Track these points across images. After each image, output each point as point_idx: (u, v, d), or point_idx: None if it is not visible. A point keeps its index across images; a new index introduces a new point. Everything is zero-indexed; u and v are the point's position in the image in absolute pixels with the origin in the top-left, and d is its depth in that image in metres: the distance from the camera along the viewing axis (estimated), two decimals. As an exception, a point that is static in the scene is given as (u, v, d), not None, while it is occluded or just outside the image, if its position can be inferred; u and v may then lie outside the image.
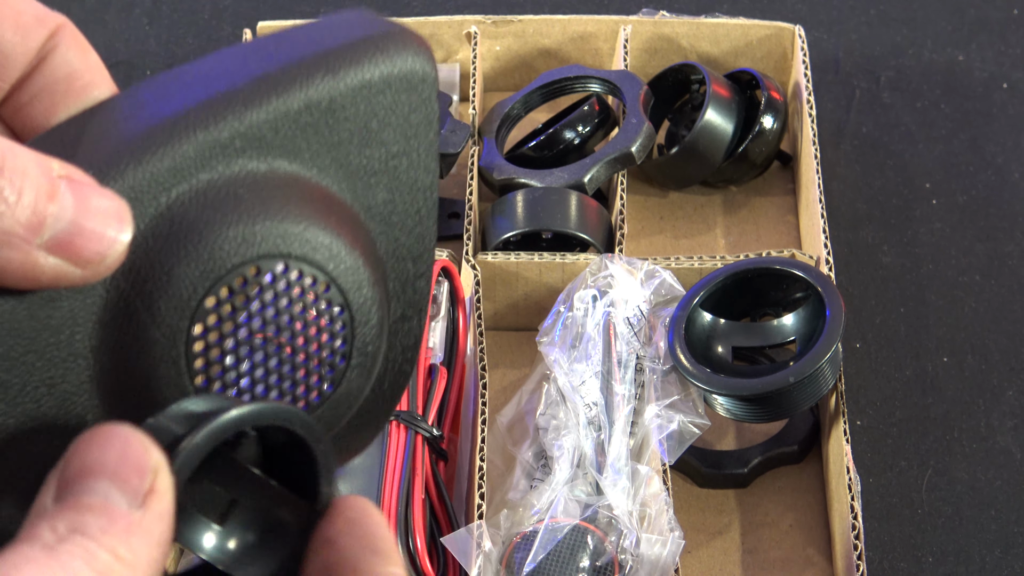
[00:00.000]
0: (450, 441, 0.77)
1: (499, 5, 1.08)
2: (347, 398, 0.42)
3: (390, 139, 0.42)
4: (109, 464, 0.34)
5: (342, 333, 0.41)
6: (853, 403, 0.85)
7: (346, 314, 0.41)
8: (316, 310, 0.40)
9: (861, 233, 0.93)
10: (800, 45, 0.95)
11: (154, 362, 0.38)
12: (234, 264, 0.38)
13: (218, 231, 0.38)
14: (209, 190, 0.39)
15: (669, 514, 0.73)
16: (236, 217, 0.39)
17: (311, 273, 0.40)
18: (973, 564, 0.79)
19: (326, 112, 0.40)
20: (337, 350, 0.41)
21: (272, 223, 0.39)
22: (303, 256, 0.39)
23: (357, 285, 0.41)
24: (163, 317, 0.38)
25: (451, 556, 0.71)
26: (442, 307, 0.79)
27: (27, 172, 0.35)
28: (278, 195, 0.40)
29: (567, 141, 0.93)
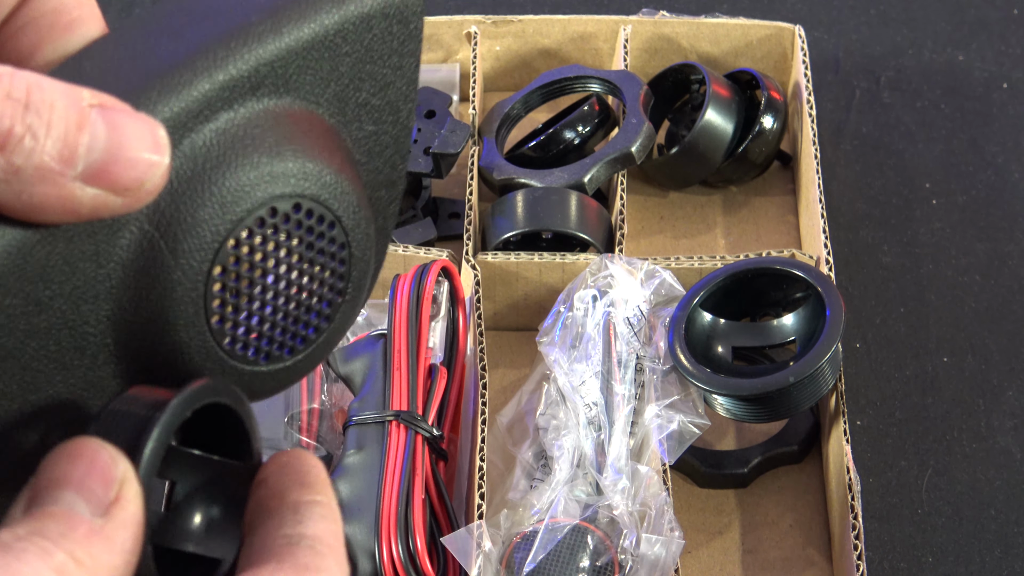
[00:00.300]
0: (450, 441, 0.77)
1: (499, 5, 1.08)
2: (339, 330, 0.43)
3: (382, 71, 0.42)
4: (76, 475, 0.35)
5: (342, 269, 0.42)
6: (853, 403, 0.85)
7: (347, 251, 0.41)
8: (323, 248, 0.41)
9: (861, 233, 0.93)
10: (800, 45, 0.95)
11: (174, 303, 0.38)
12: (254, 205, 0.39)
13: (239, 172, 0.39)
14: (229, 129, 0.39)
15: (669, 514, 0.73)
16: (256, 158, 0.39)
17: (319, 212, 0.40)
18: (973, 564, 0.79)
19: (331, 46, 0.41)
20: (336, 286, 0.42)
21: (288, 163, 0.39)
22: (314, 196, 0.40)
23: (357, 222, 0.41)
24: (186, 259, 0.38)
25: (451, 556, 0.71)
26: (442, 307, 0.79)
27: (54, 104, 0.34)
28: (290, 133, 0.40)
29: (567, 141, 0.93)
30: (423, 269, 0.77)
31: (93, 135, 0.35)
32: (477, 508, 0.73)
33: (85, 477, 0.35)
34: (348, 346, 0.78)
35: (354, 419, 0.74)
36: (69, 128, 0.34)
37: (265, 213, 0.39)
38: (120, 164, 0.35)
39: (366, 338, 0.78)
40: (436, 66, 0.99)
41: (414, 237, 0.87)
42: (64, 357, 0.38)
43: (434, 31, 0.99)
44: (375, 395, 0.75)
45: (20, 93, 0.34)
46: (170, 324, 0.39)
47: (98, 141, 0.35)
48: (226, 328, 0.40)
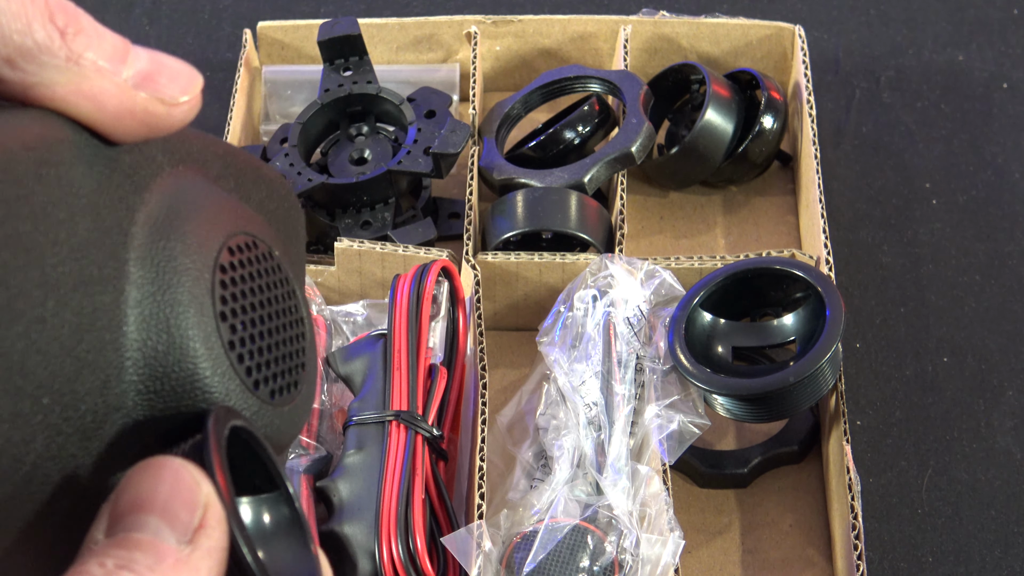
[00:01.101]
0: (450, 441, 0.77)
1: (499, 5, 1.08)
2: (311, 383, 0.43)
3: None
4: (159, 499, 0.35)
5: (298, 313, 0.43)
6: (853, 403, 0.85)
7: (291, 287, 0.43)
8: (278, 281, 0.42)
9: (861, 233, 0.93)
10: (800, 45, 0.95)
11: (184, 291, 0.39)
12: (238, 229, 0.41)
13: (222, 201, 0.41)
14: (207, 172, 0.42)
15: (669, 514, 0.73)
16: (225, 199, 0.42)
17: (283, 274, 0.42)
18: (973, 564, 0.79)
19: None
20: (298, 326, 0.43)
21: (252, 215, 0.43)
22: (275, 255, 0.42)
23: (288, 263, 0.44)
24: (194, 247, 0.39)
25: (451, 556, 0.71)
26: (442, 307, 0.79)
27: (103, 32, 0.38)
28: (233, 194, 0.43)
29: (567, 141, 0.93)
30: (423, 269, 0.77)
31: (136, 54, 0.39)
32: (477, 508, 0.73)
33: (169, 501, 0.35)
34: (348, 346, 0.78)
35: (354, 419, 0.75)
36: (116, 44, 0.38)
37: (249, 241, 0.41)
38: (164, 74, 0.39)
39: (366, 338, 0.78)
40: (436, 66, 0.99)
41: (414, 237, 0.87)
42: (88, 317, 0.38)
43: (434, 31, 0.99)
44: (375, 395, 0.75)
45: (72, 10, 0.38)
46: (188, 351, 0.39)
47: (141, 58, 0.39)
48: (237, 343, 0.40)
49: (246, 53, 0.96)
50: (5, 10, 0.36)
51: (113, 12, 1.08)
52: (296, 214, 0.47)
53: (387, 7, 1.09)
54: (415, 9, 1.09)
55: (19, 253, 0.35)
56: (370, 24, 0.98)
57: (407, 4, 1.09)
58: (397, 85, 0.93)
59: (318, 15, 1.08)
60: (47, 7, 0.37)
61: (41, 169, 0.36)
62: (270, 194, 0.46)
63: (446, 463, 0.76)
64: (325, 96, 0.91)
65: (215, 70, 1.04)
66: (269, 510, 0.39)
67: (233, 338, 0.39)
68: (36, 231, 0.35)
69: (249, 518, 0.39)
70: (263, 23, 0.99)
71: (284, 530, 0.39)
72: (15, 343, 0.34)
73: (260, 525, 0.39)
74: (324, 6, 1.09)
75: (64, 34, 0.37)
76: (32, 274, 0.35)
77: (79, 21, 0.37)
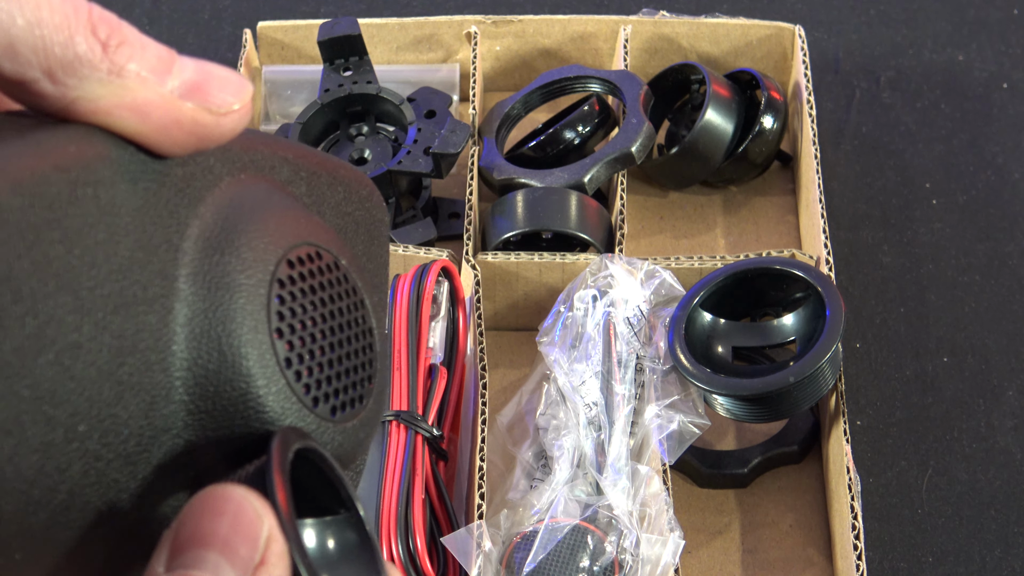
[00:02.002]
0: (450, 441, 0.77)
1: (499, 5, 1.08)
2: (382, 395, 0.43)
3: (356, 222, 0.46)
4: (220, 533, 0.34)
5: (365, 324, 0.42)
6: (853, 403, 0.85)
7: (359, 298, 0.42)
8: (343, 292, 0.42)
9: (861, 233, 0.93)
10: (800, 45, 0.95)
11: (238, 308, 0.38)
12: (301, 241, 0.40)
13: (285, 213, 0.41)
14: (260, 186, 0.41)
15: (669, 514, 0.73)
16: (292, 210, 0.41)
17: (351, 284, 0.42)
18: (973, 564, 0.79)
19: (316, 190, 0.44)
20: (366, 337, 0.42)
21: (321, 226, 0.42)
22: (343, 265, 0.42)
23: (375, 315, 0.43)
24: (250, 262, 0.39)
25: (451, 556, 0.71)
26: (442, 307, 0.79)
27: (147, 42, 0.38)
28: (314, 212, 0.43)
29: (567, 141, 0.93)
30: (423, 269, 0.77)
31: (182, 64, 0.38)
32: (477, 508, 0.73)
33: (231, 536, 0.34)
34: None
35: (354, 419, 0.74)
36: (161, 53, 0.38)
37: (313, 252, 0.40)
38: (211, 83, 0.38)
39: (366, 338, 0.78)
40: (436, 66, 0.99)
41: (414, 237, 0.87)
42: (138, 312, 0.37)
43: (434, 31, 0.99)
44: (375, 395, 0.75)
45: (115, 22, 0.37)
46: (235, 329, 0.38)
47: (187, 68, 0.38)
48: (296, 366, 0.39)
49: (246, 53, 0.96)
50: (47, 22, 0.36)
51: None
52: (378, 214, 0.46)
53: (387, 7, 1.09)
54: (415, 9, 1.09)
55: (48, 279, 0.34)
56: (370, 24, 0.98)
57: (407, 4, 1.09)
58: (397, 85, 0.93)
59: (318, 15, 1.08)
60: (90, 19, 0.36)
61: (77, 190, 0.35)
62: (348, 196, 0.45)
63: (446, 463, 0.76)
64: (325, 96, 0.91)
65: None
66: (337, 533, 0.39)
67: (290, 355, 0.39)
68: (69, 254, 0.35)
69: (314, 542, 0.38)
70: (263, 23, 0.99)
71: (353, 555, 0.39)
72: (45, 371, 0.34)
73: (326, 550, 0.39)
74: (324, 6, 1.09)
75: (107, 46, 0.36)
76: (64, 299, 0.34)
77: (122, 32, 0.37)
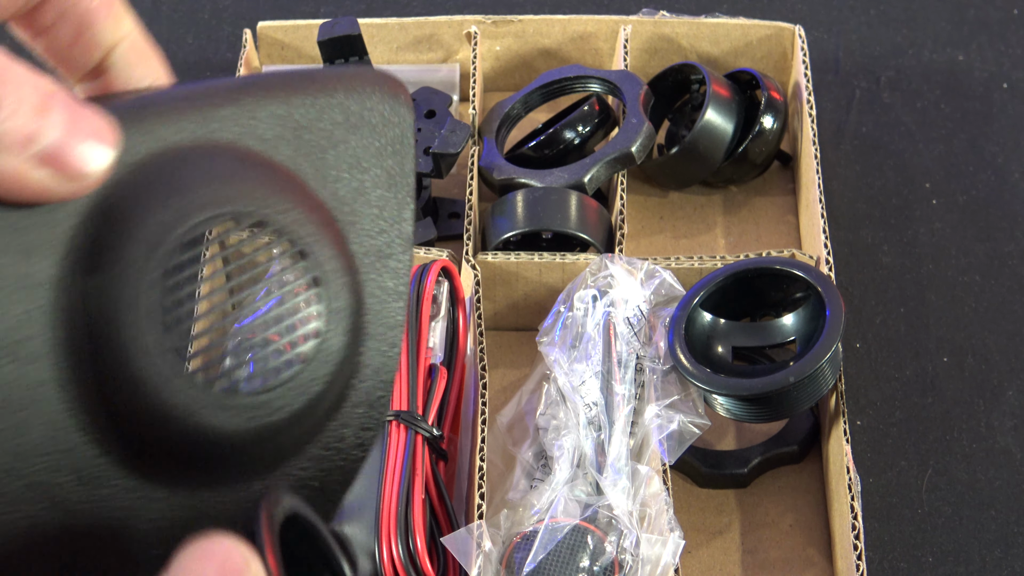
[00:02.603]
0: (450, 441, 0.77)
1: (499, 5, 1.08)
2: (323, 374, 0.42)
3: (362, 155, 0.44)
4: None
5: (314, 309, 0.41)
6: (853, 403, 0.85)
7: (320, 288, 0.41)
8: (290, 275, 0.41)
9: (861, 233, 0.93)
10: (800, 45, 0.95)
11: (120, 305, 0.38)
12: (211, 214, 0.40)
13: (197, 183, 0.40)
14: (191, 152, 0.40)
15: (669, 514, 0.73)
16: (214, 174, 0.40)
17: (286, 238, 0.41)
18: (973, 564, 0.79)
19: (301, 120, 0.43)
20: (307, 322, 0.41)
21: (249, 185, 0.41)
22: (277, 220, 0.41)
23: (330, 264, 0.42)
24: (133, 259, 0.38)
25: (451, 556, 0.71)
26: (442, 307, 0.79)
27: (22, 85, 0.36)
28: (257, 168, 0.41)
29: (567, 141, 0.93)
30: (423, 269, 0.77)
31: (52, 122, 0.36)
32: (477, 508, 0.73)
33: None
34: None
35: (354, 419, 0.74)
36: (34, 109, 0.36)
37: (221, 226, 0.40)
38: (71, 152, 0.37)
39: (366, 338, 0.78)
40: (436, 66, 0.99)
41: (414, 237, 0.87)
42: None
43: (434, 31, 0.99)
44: (375, 395, 0.75)
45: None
46: (116, 326, 0.38)
47: (55, 127, 0.36)
48: (179, 337, 0.39)
49: (246, 53, 0.96)
50: None
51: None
52: (396, 118, 0.45)
53: (387, 7, 1.09)
54: (415, 9, 1.09)
55: None
56: (370, 24, 0.98)
57: (407, 4, 1.09)
58: (397, 85, 0.93)
59: (318, 15, 1.08)
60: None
61: None
62: (348, 118, 0.44)
63: (446, 463, 0.76)
64: (325, 96, 0.91)
65: (215, 70, 1.04)
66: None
67: (179, 342, 0.39)
68: None
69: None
70: (263, 23, 0.99)
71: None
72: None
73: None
74: (324, 6, 1.09)
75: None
76: None
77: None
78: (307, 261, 0.41)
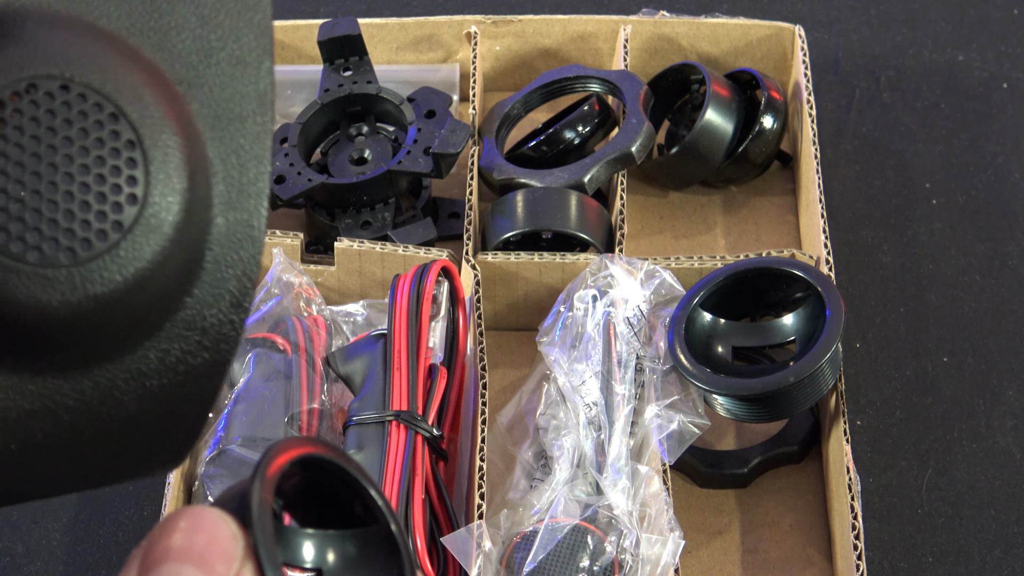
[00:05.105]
0: (450, 441, 0.77)
1: (499, 5, 1.08)
2: (145, 249, 0.39)
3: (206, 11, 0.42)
4: (196, 549, 0.34)
5: (132, 172, 0.39)
6: (853, 403, 0.85)
7: (138, 152, 0.39)
8: (100, 138, 0.39)
9: (861, 233, 0.93)
10: (800, 45, 0.95)
11: None
12: (7, 80, 0.38)
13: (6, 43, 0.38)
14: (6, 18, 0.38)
15: (669, 514, 0.73)
16: (16, 39, 0.38)
17: (95, 100, 0.39)
18: (973, 564, 0.79)
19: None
20: (124, 189, 0.39)
21: (55, 48, 0.38)
22: (90, 83, 0.38)
23: (152, 125, 0.39)
24: None
25: (451, 556, 0.71)
26: (442, 307, 0.79)
27: None
28: (70, 31, 0.39)
29: (567, 141, 0.93)
30: (423, 269, 0.77)
31: None
32: (477, 508, 0.73)
33: (206, 552, 0.34)
34: (348, 346, 0.78)
35: (354, 419, 0.75)
36: None
37: (21, 88, 0.38)
38: None
39: (366, 338, 0.78)
40: (436, 66, 0.99)
41: (414, 237, 0.87)
42: None
43: (434, 31, 0.99)
44: (375, 395, 0.75)
45: None
46: None
47: None
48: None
49: (246, 53, 0.96)
50: None
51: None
52: None
53: (387, 7, 1.09)
54: (415, 9, 1.09)
55: None
56: (370, 24, 0.98)
57: (407, 4, 1.09)
58: (397, 85, 0.93)
59: (318, 15, 1.08)
60: None
61: None
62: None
63: (446, 463, 0.76)
64: (325, 96, 0.91)
65: (215, 70, 1.03)
66: (361, 547, 0.38)
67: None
68: None
69: (334, 557, 0.38)
70: (263, 23, 0.99)
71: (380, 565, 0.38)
72: None
73: (346, 566, 0.38)
74: (324, 6, 1.09)
75: None
76: None
77: None
78: (121, 123, 0.39)
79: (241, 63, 0.42)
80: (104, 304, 0.39)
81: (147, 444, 0.40)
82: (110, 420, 0.39)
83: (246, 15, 0.42)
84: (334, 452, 0.38)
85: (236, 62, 0.42)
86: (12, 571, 0.79)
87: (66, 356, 0.39)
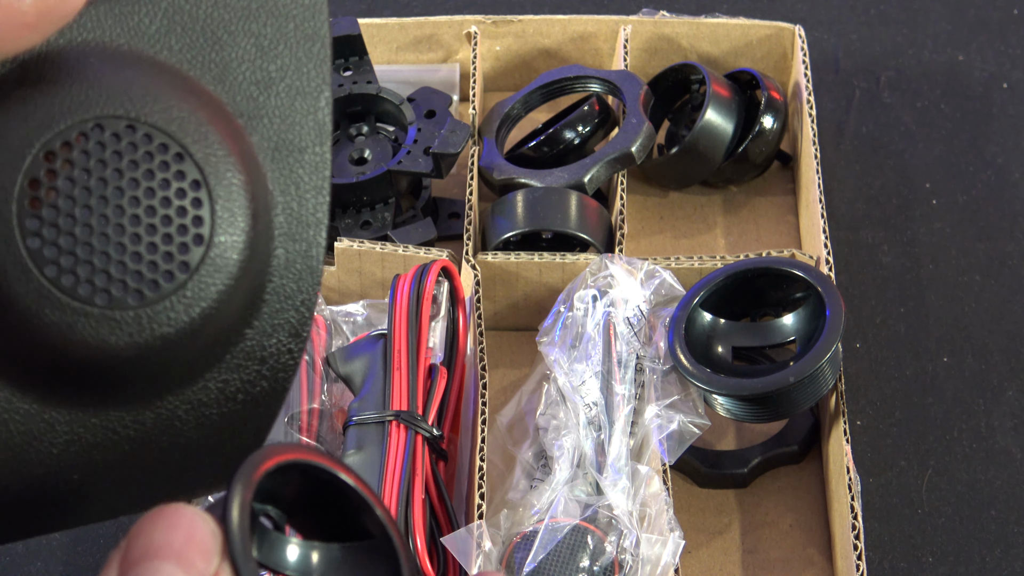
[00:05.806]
0: (450, 441, 0.77)
1: (499, 5, 1.08)
2: (212, 287, 0.40)
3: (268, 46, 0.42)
4: (175, 546, 0.34)
5: (198, 212, 0.39)
6: (853, 403, 0.85)
7: (203, 191, 0.39)
8: (167, 179, 0.39)
9: (861, 233, 0.93)
10: (800, 45, 0.95)
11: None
12: (74, 121, 0.38)
13: (60, 89, 0.38)
14: (60, 55, 0.38)
15: (669, 514, 0.73)
16: (81, 78, 0.38)
17: (161, 140, 0.39)
18: (973, 564, 0.79)
19: (191, 11, 0.40)
20: (191, 230, 0.39)
21: (120, 87, 0.38)
22: (155, 123, 0.39)
23: (217, 164, 0.39)
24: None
25: (451, 556, 0.71)
26: (442, 307, 0.79)
27: None
28: (133, 69, 0.39)
29: (567, 141, 0.93)
30: (423, 269, 0.77)
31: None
32: (477, 508, 0.73)
33: (185, 548, 0.34)
34: (348, 346, 0.78)
35: (354, 419, 0.75)
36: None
37: (88, 129, 0.38)
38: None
39: (366, 338, 0.78)
40: (436, 66, 0.99)
41: (414, 237, 0.87)
42: None
43: (434, 31, 0.99)
44: (375, 395, 0.75)
45: None
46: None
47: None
48: (46, 252, 0.37)
49: (246, 53, 0.96)
50: None
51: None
52: (313, 6, 0.42)
53: (387, 7, 1.09)
54: (415, 9, 1.09)
55: None
56: (370, 24, 0.98)
57: (407, 4, 1.09)
58: (397, 85, 0.93)
59: (318, 15, 1.07)
60: None
61: None
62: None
63: (446, 463, 0.76)
64: (325, 96, 0.91)
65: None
66: (357, 558, 0.38)
67: (40, 234, 0.37)
68: None
69: (321, 568, 0.38)
70: (263, 23, 0.99)
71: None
72: None
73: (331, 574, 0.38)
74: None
75: None
76: None
77: None
78: (186, 163, 0.39)
79: (300, 94, 0.42)
80: (170, 343, 0.39)
81: (202, 469, 0.41)
82: (169, 449, 0.40)
83: (305, 46, 0.42)
84: (327, 460, 0.38)
85: (296, 93, 0.42)
86: (12, 571, 0.79)
87: (129, 391, 0.40)
